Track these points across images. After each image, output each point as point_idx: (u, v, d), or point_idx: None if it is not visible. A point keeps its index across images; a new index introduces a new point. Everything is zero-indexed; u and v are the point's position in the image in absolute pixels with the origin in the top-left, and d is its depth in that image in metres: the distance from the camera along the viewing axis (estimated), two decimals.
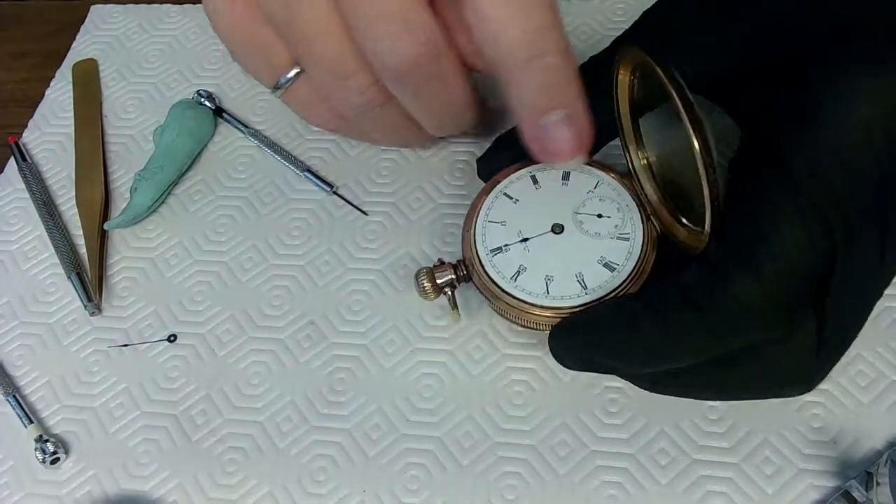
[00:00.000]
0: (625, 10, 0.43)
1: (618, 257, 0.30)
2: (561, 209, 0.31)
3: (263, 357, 0.34)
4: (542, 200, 0.32)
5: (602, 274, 0.30)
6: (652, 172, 0.31)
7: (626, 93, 0.30)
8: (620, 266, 0.30)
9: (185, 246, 0.38)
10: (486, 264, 0.31)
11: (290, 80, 0.32)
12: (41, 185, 0.41)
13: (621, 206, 0.31)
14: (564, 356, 0.30)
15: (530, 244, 0.31)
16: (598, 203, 0.31)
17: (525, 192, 0.32)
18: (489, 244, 0.31)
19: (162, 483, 0.32)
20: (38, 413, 0.34)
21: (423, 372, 0.33)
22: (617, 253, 0.30)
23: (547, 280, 0.30)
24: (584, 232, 0.30)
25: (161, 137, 0.40)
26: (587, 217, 0.31)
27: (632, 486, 0.29)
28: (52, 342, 0.36)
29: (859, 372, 0.31)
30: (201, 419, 0.33)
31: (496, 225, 0.31)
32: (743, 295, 0.25)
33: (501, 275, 0.30)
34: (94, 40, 0.47)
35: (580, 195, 0.31)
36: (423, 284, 0.31)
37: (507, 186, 0.32)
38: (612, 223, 0.31)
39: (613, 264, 0.30)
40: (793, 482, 0.29)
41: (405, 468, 0.31)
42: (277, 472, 0.31)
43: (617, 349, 0.28)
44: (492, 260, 0.31)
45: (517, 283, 0.30)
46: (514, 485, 0.30)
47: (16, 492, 0.32)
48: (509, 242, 0.31)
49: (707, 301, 0.26)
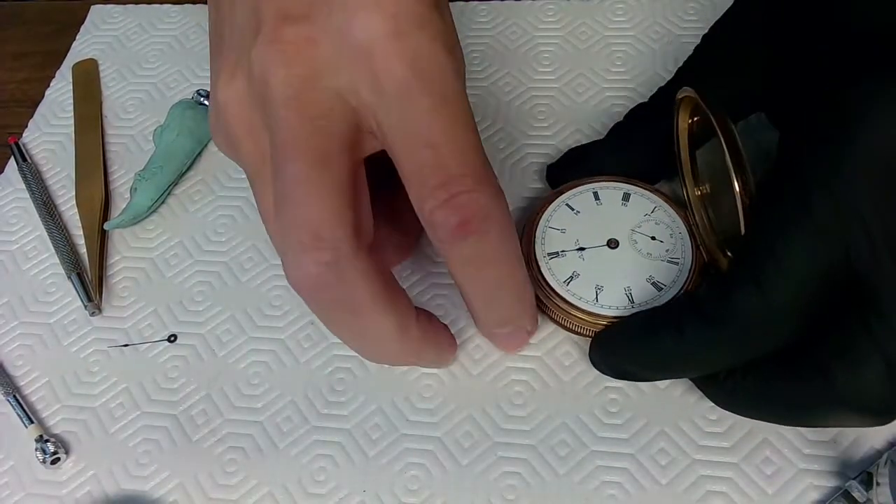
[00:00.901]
0: (625, 10, 0.43)
1: (666, 278, 0.31)
2: (618, 226, 0.33)
3: (263, 357, 0.34)
4: (601, 215, 0.33)
5: (649, 291, 0.31)
6: (704, 204, 0.33)
7: (685, 129, 0.32)
8: (667, 287, 0.31)
9: (185, 246, 0.38)
10: (542, 265, 0.32)
11: None
12: (41, 186, 0.41)
13: (674, 232, 0.32)
14: (600, 364, 0.31)
15: (585, 254, 0.32)
16: (654, 226, 0.33)
17: (586, 205, 0.33)
18: (547, 248, 0.32)
19: (162, 483, 0.32)
20: (38, 413, 0.34)
21: (424, 372, 0.33)
22: (665, 274, 0.31)
23: (597, 289, 0.31)
24: (637, 250, 0.32)
25: (161, 137, 0.40)
26: (642, 237, 0.32)
27: (632, 486, 0.29)
28: (53, 342, 0.36)
29: None
30: (201, 419, 0.33)
31: (556, 231, 0.33)
32: (746, 305, 0.25)
33: (556, 278, 0.32)
34: (94, 40, 0.47)
35: (637, 217, 0.33)
36: None
37: (570, 198, 0.34)
38: (664, 247, 0.32)
39: (661, 284, 0.31)
40: (793, 482, 0.29)
41: (405, 468, 0.31)
42: (277, 472, 0.31)
43: (639, 358, 0.29)
44: (548, 263, 0.32)
45: (569, 287, 0.31)
46: (514, 485, 0.30)
47: (16, 492, 0.32)
48: (566, 249, 0.32)
49: (715, 312, 0.26)
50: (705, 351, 0.27)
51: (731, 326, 0.26)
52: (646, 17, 0.43)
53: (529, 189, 0.37)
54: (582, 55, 0.38)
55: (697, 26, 0.34)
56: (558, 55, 0.42)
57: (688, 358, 0.28)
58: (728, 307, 0.26)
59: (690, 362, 0.28)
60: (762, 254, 0.26)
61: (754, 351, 0.27)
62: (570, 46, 0.42)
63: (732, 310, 0.26)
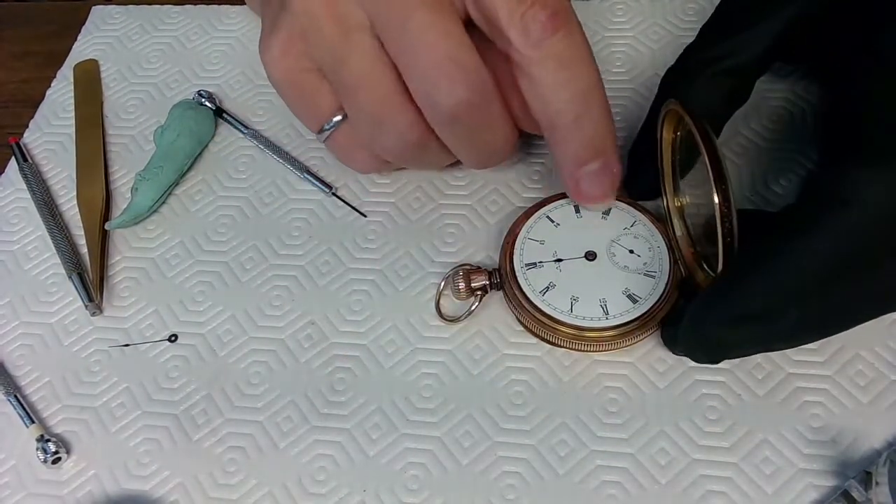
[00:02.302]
0: (625, 11, 0.43)
1: (642, 291, 0.32)
2: (596, 239, 0.33)
3: (264, 357, 0.34)
4: (580, 228, 0.34)
5: (625, 304, 0.31)
6: (683, 217, 0.33)
7: (669, 141, 0.33)
8: (643, 300, 0.31)
9: (185, 246, 0.38)
10: (519, 276, 0.32)
11: (333, 125, 0.34)
12: (42, 186, 0.41)
13: (653, 246, 0.33)
14: (691, 338, 0.29)
15: (563, 265, 0.33)
16: (632, 240, 0.33)
17: (566, 218, 0.34)
18: (525, 258, 0.33)
19: (163, 483, 0.32)
20: (39, 413, 0.34)
21: (423, 372, 0.33)
22: (642, 287, 0.32)
23: (573, 300, 0.32)
24: (614, 263, 0.32)
25: (161, 138, 0.40)
26: (620, 250, 0.33)
27: (632, 486, 0.30)
28: (54, 342, 0.36)
29: (859, 372, 0.31)
30: (202, 419, 0.33)
31: (535, 242, 0.33)
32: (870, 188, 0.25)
33: (532, 288, 0.32)
34: (95, 41, 0.47)
35: (616, 230, 0.33)
36: (459, 284, 0.33)
37: (550, 210, 0.34)
38: (641, 260, 0.32)
39: (636, 297, 0.31)
40: (792, 482, 0.29)
41: (405, 468, 0.31)
42: (277, 471, 0.31)
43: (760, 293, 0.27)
44: (525, 273, 0.32)
45: (545, 297, 0.32)
46: (514, 485, 0.30)
47: (17, 491, 0.32)
48: (544, 260, 0.33)
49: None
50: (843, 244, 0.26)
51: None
52: (646, 17, 0.43)
53: (529, 189, 0.37)
54: None
55: (697, 27, 0.34)
56: None
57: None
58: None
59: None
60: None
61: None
62: None
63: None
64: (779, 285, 0.26)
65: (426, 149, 0.33)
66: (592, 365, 0.32)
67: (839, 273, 0.26)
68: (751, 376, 0.31)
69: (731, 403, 0.31)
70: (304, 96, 0.34)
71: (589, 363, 0.32)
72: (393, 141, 0.33)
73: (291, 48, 0.32)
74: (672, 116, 0.32)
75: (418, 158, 0.34)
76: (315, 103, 0.34)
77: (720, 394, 0.31)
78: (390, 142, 0.33)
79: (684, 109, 0.30)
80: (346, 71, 0.31)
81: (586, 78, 0.30)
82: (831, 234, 0.26)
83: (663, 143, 0.33)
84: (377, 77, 0.31)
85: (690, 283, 0.32)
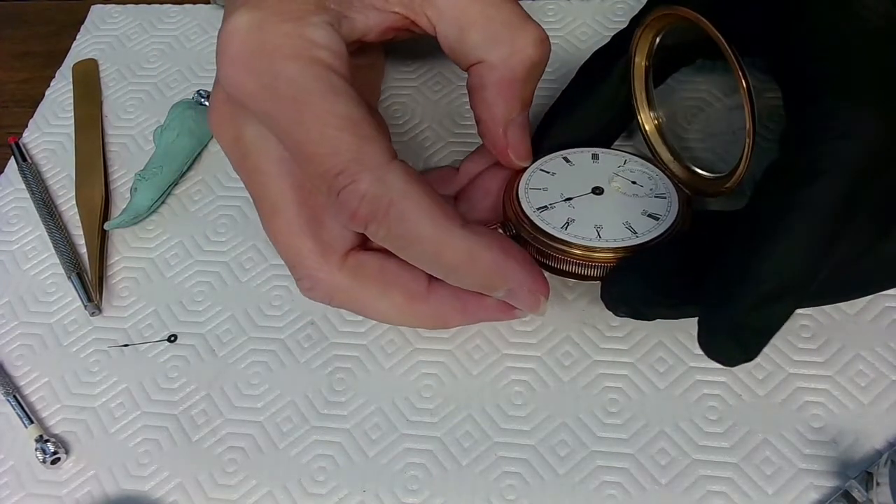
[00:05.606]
0: (625, 11, 0.43)
1: (659, 210, 0.31)
2: (597, 177, 0.33)
3: (263, 357, 0.34)
4: (577, 172, 0.33)
5: (648, 222, 0.31)
6: (663, 138, 0.34)
7: (644, 53, 0.33)
8: (663, 216, 0.31)
9: (185, 246, 0.38)
10: (534, 219, 0.31)
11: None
12: (41, 186, 0.41)
13: (652, 175, 0.33)
14: (619, 302, 0.29)
15: (574, 202, 0.32)
16: (630, 174, 0.33)
17: (560, 167, 0.33)
18: (534, 204, 0.32)
19: (162, 483, 0.32)
20: (38, 413, 0.34)
21: (423, 372, 0.33)
22: (658, 207, 0.32)
23: (597, 228, 0.31)
24: (623, 193, 0.32)
25: (161, 137, 0.40)
26: (623, 182, 0.33)
27: (632, 486, 0.29)
28: (53, 342, 0.36)
29: (859, 372, 0.31)
30: (201, 419, 0.33)
31: (538, 190, 0.33)
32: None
33: (552, 226, 0.31)
34: (94, 40, 0.47)
35: (611, 169, 0.33)
36: None
37: (543, 164, 0.34)
38: (647, 187, 0.32)
39: (657, 215, 0.31)
40: (793, 482, 0.29)
41: (405, 468, 0.31)
42: (277, 472, 0.31)
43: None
44: (540, 215, 0.32)
45: (568, 231, 0.31)
46: (514, 485, 0.30)
47: (16, 492, 0.32)
48: (553, 202, 0.32)
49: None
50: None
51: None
52: None
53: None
54: (582, 55, 0.37)
55: None
56: (558, 55, 0.41)
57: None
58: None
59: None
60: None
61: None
62: (571, 46, 0.42)
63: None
64: (807, 236, 0.24)
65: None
66: (592, 365, 0.32)
67: (862, 204, 0.25)
68: (751, 376, 0.31)
69: (731, 404, 0.31)
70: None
71: (589, 363, 0.32)
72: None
73: (225, 112, 0.31)
74: (647, 36, 0.32)
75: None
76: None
77: (720, 394, 0.31)
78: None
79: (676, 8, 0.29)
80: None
81: (423, 252, 0.28)
82: (844, 167, 0.25)
83: (635, 65, 0.33)
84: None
85: (700, 197, 0.32)
